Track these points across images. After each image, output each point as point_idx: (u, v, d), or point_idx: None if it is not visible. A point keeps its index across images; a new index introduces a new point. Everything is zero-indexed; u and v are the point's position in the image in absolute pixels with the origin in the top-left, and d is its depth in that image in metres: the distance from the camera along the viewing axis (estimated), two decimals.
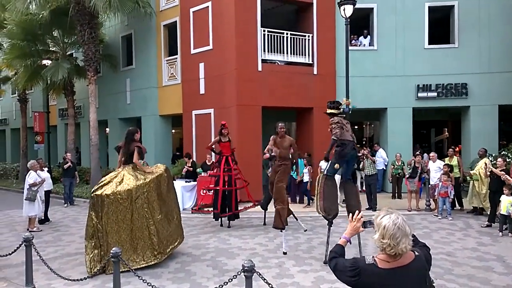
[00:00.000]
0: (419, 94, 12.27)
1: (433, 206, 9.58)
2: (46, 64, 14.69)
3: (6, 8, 14.85)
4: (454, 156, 9.87)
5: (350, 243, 2.16)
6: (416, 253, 1.95)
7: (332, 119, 6.13)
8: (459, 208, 9.57)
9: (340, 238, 2.19)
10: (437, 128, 17.98)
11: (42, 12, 13.33)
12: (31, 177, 8.46)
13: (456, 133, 14.98)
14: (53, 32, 15.39)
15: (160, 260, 5.75)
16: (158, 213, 5.81)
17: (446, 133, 17.54)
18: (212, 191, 8.88)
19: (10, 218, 10.01)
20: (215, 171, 8.50)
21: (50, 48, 16.23)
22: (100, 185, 5.76)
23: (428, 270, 2.05)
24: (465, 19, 12.12)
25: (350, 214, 2.21)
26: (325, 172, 6.14)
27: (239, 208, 8.53)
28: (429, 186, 9.65)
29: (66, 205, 11.40)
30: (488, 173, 8.14)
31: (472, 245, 6.71)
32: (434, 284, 2.16)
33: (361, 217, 2.17)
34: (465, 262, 5.85)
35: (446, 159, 9.75)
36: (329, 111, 6.21)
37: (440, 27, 12.64)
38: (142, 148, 6.11)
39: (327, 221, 6.01)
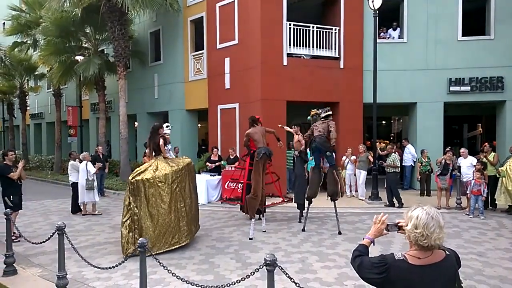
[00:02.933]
0: (451, 88, 11.77)
1: (464, 204, 9.21)
2: (79, 60, 15.27)
3: (43, 6, 15.53)
4: (492, 152, 9.36)
5: (374, 244, 2.09)
6: (447, 252, 1.90)
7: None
8: (491, 208, 9.15)
9: (363, 238, 2.15)
10: (470, 123, 17.19)
11: (75, 10, 13.81)
12: (91, 167, 9.43)
13: (490, 129, 14.28)
14: (85, 29, 15.89)
15: (190, 240, 6.42)
16: (189, 197, 6.43)
17: (480, 129, 16.75)
18: (237, 185, 8.97)
19: (45, 207, 10.53)
20: (242, 164, 8.55)
21: (83, 45, 16.81)
22: (137, 172, 6.25)
23: (457, 271, 2.00)
24: (502, 9, 11.49)
25: (375, 216, 2.16)
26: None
27: (267, 203, 8.48)
28: (460, 183, 9.29)
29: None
30: None
31: (505, 246, 6.42)
32: (462, 285, 2.03)
33: (386, 219, 2.12)
34: (496, 263, 5.61)
35: (490, 156, 9.15)
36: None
37: (475, 18, 12.06)
38: (166, 138, 6.70)
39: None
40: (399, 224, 2.00)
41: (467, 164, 9.14)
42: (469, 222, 8.11)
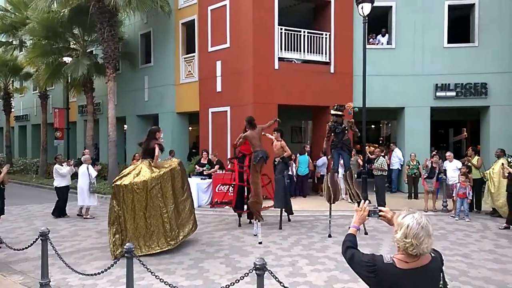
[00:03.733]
0: (438, 94, 12.02)
1: (450, 207, 9.38)
2: (67, 62, 15.00)
3: (29, 6, 15.24)
4: (476, 156, 9.58)
5: (359, 231, 2.23)
6: (433, 255, 1.95)
7: (347, 120, 7.51)
8: (476, 210, 9.33)
9: (349, 227, 2.22)
10: (456, 128, 17.56)
11: (63, 10, 13.61)
12: (92, 171, 9.40)
13: (475, 133, 14.61)
14: (74, 30, 15.64)
15: (174, 246, 6.28)
16: (172, 203, 6.37)
17: (465, 133, 17.13)
18: (228, 189, 8.96)
19: (29, 212, 10.20)
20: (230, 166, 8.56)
21: (71, 46, 16.56)
22: (120, 176, 6.32)
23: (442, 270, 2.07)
24: (486, 17, 11.82)
25: (356, 204, 2.28)
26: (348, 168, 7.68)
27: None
28: (446, 186, 9.45)
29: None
30: (506, 174, 7.91)
31: (489, 247, 6.57)
32: (448, 286, 2.12)
33: (367, 205, 2.22)
34: (481, 264, 5.73)
35: (474, 160, 9.32)
36: (334, 112, 7.47)
37: (460, 25, 12.36)
38: (162, 147, 6.55)
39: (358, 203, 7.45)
40: (379, 212, 2.14)
41: (452, 167, 9.35)
42: (454, 224, 8.27)
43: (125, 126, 16.88)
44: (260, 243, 6.80)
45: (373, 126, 17.91)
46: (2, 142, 24.15)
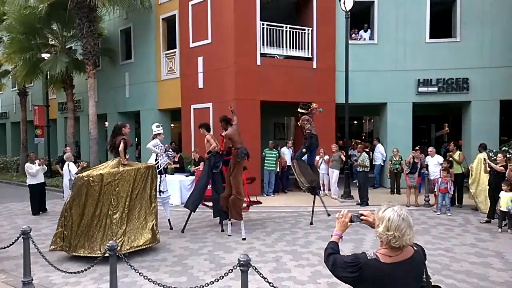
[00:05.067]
0: (420, 89, 12.19)
1: (432, 202, 9.55)
2: (45, 58, 14.64)
3: (5, 1, 14.77)
4: (457, 151, 9.68)
5: (342, 239, 2.16)
6: (415, 248, 1.96)
7: (303, 116, 7.92)
8: (458, 205, 9.47)
9: (331, 235, 2.18)
10: (438, 123, 17.92)
11: (40, 6, 13.25)
12: (73, 167, 9.40)
13: (456, 128, 14.92)
14: (52, 26, 15.31)
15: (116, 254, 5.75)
16: (126, 205, 5.92)
17: (447, 129, 17.49)
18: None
19: (10, 211, 10.06)
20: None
21: (49, 42, 16.17)
22: (89, 169, 6.19)
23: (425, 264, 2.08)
24: (467, 12, 11.98)
25: (337, 213, 2.21)
26: (295, 158, 8.07)
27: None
28: (428, 181, 9.61)
29: (64, 198, 11.41)
30: (488, 168, 8.10)
31: (471, 241, 6.69)
32: (431, 280, 2.14)
33: (347, 212, 2.17)
34: (463, 258, 5.83)
35: (456, 154, 9.42)
36: (300, 110, 7.98)
37: (442, 21, 12.53)
38: (128, 141, 6.32)
39: (312, 193, 8.01)
40: (361, 217, 2.09)
41: (434, 162, 9.48)
42: (436, 218, 8.40)
43: (106, 123, 16.58)
44: (244, 239, 6.79)
45: (355, 122, 18.10)
46: None
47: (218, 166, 7.33)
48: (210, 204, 8.46)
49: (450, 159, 9.44)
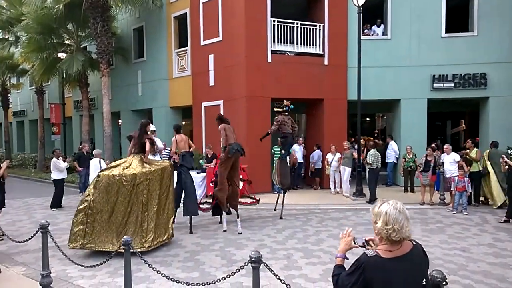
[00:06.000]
0: (435, 85, 11.95)
1: (447, 200, 9.35)
2: (61, 57, 14.96)
3: (23, 2, 15.13)
4: (474, 149, 9.41)
5: (348, 259, 2.07)
6: (414, 243, 1.95)
7: (276, 117, 8.10)
8: (475, 203, 9.25)
9: (336, 257, 2.12)
10: (454, 120, 17.53)
11: (57, 6, 13.51)
12: (103, 164, 9.69)
13: (473, 125, 14.58)
14: (68, 26, 15.60)
15: (147, 250, 5.84)
16: (156, 203, 6.11)
17: (463, 125, 17.10)
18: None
19: (28, 205, 10.35)
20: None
21: (65, 41, 16.49)
22: (109, 167, 6.17)
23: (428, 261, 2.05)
24: (485, 5, 11.65)
25: (341, 233, 2.17)
26: (280, 157, 8.29)
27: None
28: (444, 179, 9.39)
29: (81, 194, 11.67)
30: (506, 167, 7.89)
31: (489, 241, 6.51)
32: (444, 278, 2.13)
33: (351, 230, 2.15)
34: (480, 258, 5.69)
35: (473, 152, 9.19)
36: (276, 109, 8.14)
37: (458, 14, 12.24)
38: (153, 141, 6.56)
39: (283, 191, 8.49)
40: (367, 240, 2.05)
41: (450, 160, 9.22)
42: (452, 217, 8.23)
43: (120, 120, 16.84)
44: (225, 231, 7.10)
45: (368, 119, 17.88)
46: (1, 137, 24.19)
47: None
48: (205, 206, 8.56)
49: (466, 156, 9.23)
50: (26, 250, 6.22)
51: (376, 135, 17.21)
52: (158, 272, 3.88)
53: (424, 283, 1.96)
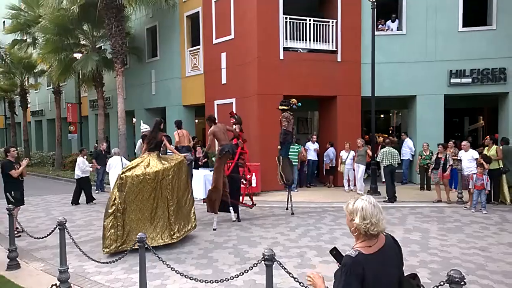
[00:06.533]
0: (452, 80, 11.67)
1: (465, 198, 9.14)
2: (77, 57, 15.25)
3: (40, 4, 15.48)
4: (494, 146, 9.15)
5: None
6: (384, 234, 2.00)
7: (282, 114, 8.10)
8: (494, 202, 8.99)
9: None
10: (472, 116, 17.11)
11: (72, 7, 13.78)
12: (125, 161, 10.07)
13: (493, 121, 14.19)
14: (83, 26, 15.87)
15: (177, 240, 6.22)
16: (176, 196, 6.39)
17: (482, 122, 16.66)
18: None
19: (46, 202, 10.62)
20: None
21: (81, 42, 16.80)
22: (128, 168, 6.24)
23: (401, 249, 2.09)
24: None
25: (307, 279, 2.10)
26: (280, 154, 8.29)
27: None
28: (462, 177, 9.17)
29: (97, 191, 11.91)
30: None
31: (508, 240, 6.33)
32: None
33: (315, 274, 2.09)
34: (500, 258, 5.53)
35: (493, 149, 8.99)
36: (281, 107, 8.18)
37: (476, 8, 11.89)
38: (170, 138, 6.82)
39: (287, 187, 8.61)
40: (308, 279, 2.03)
41: (468, 157, 9.00)
42: (471, 216, 8.03)
43: (134, 119, 17.07)
44: (214, 229, 7.18)
45: (382, 116, 17.63)
46: (20, 136, 24.87)
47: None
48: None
49: (487, 153, 8.96)
50: (45, 246, 6.37)
51: (391, 132, 16.96)
52: (172, 269, 3.90)
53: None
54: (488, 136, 9.70)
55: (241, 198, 8.31)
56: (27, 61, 20.27)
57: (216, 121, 7.74)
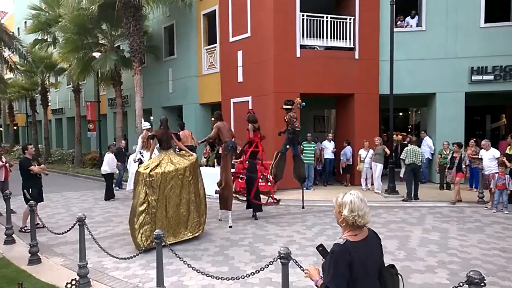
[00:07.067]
0: (473, 78, 11.36)
1: (486, 198, 8.90)
2: (96, 56, 15.53)
3: (60, 4, 15.84)
4: None
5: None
6: (367, 227, 2.20)
7: (289, 113, 8.17)
8: None
9: (316, 284, 2.21)
10: (494, 114, 16.60)
11: (91, 7, 14.04)
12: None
13: None
14: (102, 26, 16.15)
15: (203, 231, 6.59)
16: (197, 191, 6.62)
17: (504, 120, 16.16)
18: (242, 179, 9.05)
19: (66, 199, 10.88)
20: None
21: (100, 41, 17.10)
22: (151, 165, 6.26)
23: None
24: None
25: (305, 270, 2.31)
26: (280, 151, 8.26)
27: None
28: (483, 176, 8.96)
29: (116, 188, 12.13)
30: None
31: None
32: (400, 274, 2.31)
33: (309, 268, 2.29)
34: None
35: (508, 148, 8.79)
36: (286, 107, 8.25)
37: (498, 3, 11.54)
38: (179, 135, 7.00)
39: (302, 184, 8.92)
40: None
41: (489, 156, 8.79)
42: (492, 216, 7.83)
43: (151, 117, 17.29)
44: (230, 227, 7.26)
45: (401, 114, 17.32)
46: (41, 134, 25.57)
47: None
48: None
49: (509, 152, 8.70)
50: (65, 241, 6.52)
51: (409, 130, 16.64)
52: (189, 265, 3.94)
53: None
54: (510, 135, 9.41)
55: (263, 196, 8.40)
56: (48, 60, 20.80)
57: (223, 119, 7.95)
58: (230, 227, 7.25)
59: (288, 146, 8.29)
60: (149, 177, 6.04)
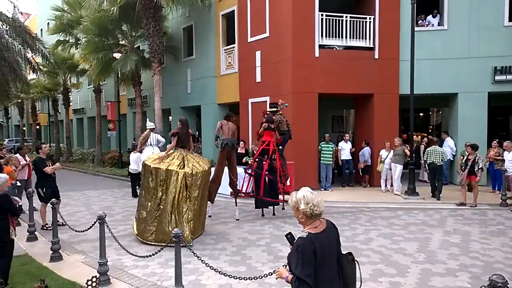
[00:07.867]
0: (497, 77, 11.03)
1: (510, 201, 8.63)
2: (116, 57, 15.84)
3: (82, 5, 16.23)
4: None
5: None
6: (325, 219, 2.45)
7: (274, 117, 8.31)
8: None
9: (287, 280, 2.37)
10: None
11: (112, 8, 14.33)
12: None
13: None
14: (122, 27, 16.44)
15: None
16: (202, 193, 6.67)
17: None
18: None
19: (87, 197, 11.10)
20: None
21: (120, 42, 17.42)
22: (166, 162, 6.43)
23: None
24: None
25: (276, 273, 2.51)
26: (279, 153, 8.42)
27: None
28: (506, 178, 8.71)
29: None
30: None
31: None
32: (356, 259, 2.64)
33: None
34: None
35: None
36: (271, 109, 8.55)
37: None
38: (195, 137, 7.14)
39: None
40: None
41: (510, 158, 8.56)
42: None
43: (170, 117, 17.52)
44: (210, 216, 7.79)
45: (421, 114, 16.97)
46: (63, 133, 26.27)
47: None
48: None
49: None
50: (85, 239, 6.64)
51: (430, 131, 16.29)
52: (207, 265, 3.97)
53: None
54: None
55: (280, 197, 8.39)
56: (70, 61, 21.31)
57: (231, 120, 8.10)
58: (209, 216, 7.73)
59: (281, 147, 8.60)
60: (166, 173, 6.15)
